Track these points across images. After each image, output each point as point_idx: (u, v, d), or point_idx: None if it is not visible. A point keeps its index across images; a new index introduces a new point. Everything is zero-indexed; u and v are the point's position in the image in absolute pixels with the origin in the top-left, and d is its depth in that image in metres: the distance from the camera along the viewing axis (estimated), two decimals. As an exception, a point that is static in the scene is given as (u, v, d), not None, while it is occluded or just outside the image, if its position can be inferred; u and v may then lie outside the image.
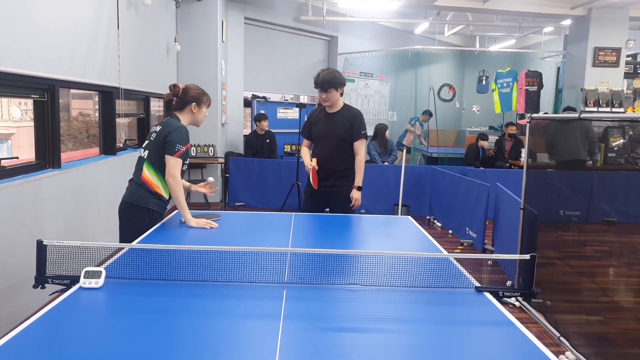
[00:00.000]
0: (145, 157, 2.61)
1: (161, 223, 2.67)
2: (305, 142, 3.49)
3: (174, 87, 2.65)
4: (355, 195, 3.22)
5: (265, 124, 7.09)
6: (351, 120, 3.24)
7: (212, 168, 7.07)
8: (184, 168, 2.63)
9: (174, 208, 2.67)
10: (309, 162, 3.25)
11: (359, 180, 3.24)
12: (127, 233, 2.52)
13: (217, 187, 2.99)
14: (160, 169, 2.57)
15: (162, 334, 1.37)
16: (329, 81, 3.17)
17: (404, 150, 5.11)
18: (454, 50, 10.20)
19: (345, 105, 3.34)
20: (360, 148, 3.27)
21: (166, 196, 2.63)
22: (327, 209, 3.35)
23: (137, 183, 2.60)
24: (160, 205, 2.62)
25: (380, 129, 7.30)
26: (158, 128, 2.61)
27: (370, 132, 7.26)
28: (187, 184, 2.98)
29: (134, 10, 5.00)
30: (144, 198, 2.55)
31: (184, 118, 2.66)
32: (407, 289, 1.78)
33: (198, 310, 1.53)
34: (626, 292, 4.19)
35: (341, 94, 3.30)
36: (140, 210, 2.54)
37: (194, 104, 2.66)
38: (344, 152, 3.27)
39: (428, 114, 9.02)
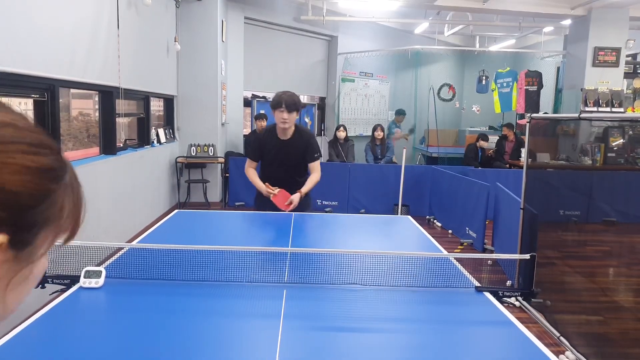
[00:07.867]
0: None
1: (161, 223, 2.68)
2: (251, 163, 3.19)
3: None
4: (295, 198, 2.94)
5: (259, 124, 7.07)
6: (304, 148, 3.08)
7: (212, 168, 7.06)
8: None
9: (173, 208, 2.66)
10: (267, 189, 2.99)
11: (306, 187, 3.03)
12: None
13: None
14: None
15: (162, 334, 1.37)
16: (295, 103, 3.01)
17: (404, 151, 5.11)
18: (453, 50, 10.19)
19: (296, 128, 3.12)
20: (316, 168, 3.10)
21: None
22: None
23: None
24: None
25: (373, 130, 7.29)
26: None
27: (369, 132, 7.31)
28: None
29: (134, 10, 4.99)
30: None
31: None
32: (407, 288, 1.78)
33: (198, 310, 1.53)
34: (626, 292, 4.19)
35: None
36: None
37: None
38: (300, 168, 3.14)
39: (402, 113, 8.73)
